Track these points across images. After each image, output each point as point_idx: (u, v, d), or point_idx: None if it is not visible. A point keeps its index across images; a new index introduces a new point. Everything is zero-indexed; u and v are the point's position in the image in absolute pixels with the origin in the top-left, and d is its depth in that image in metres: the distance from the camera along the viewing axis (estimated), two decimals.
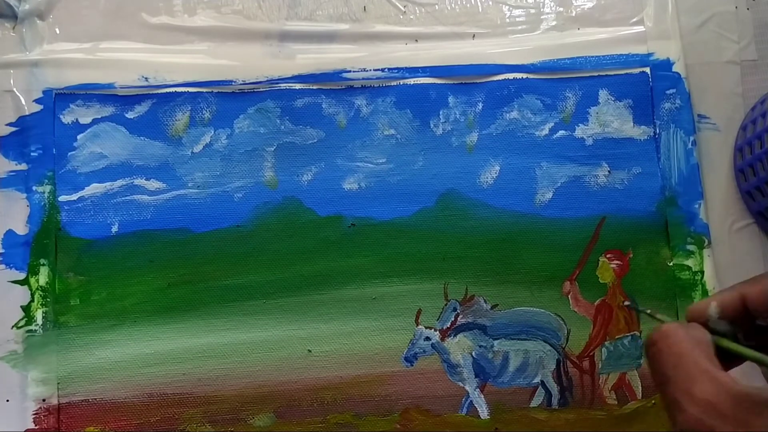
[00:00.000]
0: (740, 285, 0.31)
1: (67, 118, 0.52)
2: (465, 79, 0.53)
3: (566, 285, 0.51)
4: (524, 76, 0.53)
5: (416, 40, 0.54)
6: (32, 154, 0.51)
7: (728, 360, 0.31)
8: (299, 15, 0.54)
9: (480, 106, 0.53)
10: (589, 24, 0.55)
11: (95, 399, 0.49)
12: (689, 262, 0.51)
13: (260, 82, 0.53)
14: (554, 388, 0.51)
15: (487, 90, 0.53)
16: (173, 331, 0.50)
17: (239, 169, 0.52)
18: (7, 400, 0.48)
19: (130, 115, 0.52)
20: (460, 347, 0.51)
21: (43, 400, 0.48)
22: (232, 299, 0.50)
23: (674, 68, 0.54)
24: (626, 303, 0.51)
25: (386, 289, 0.51)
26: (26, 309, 0.49)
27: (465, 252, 0.51)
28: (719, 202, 0.53)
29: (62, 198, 0.51)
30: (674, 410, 0.28)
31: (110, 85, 0.52)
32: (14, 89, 0.52)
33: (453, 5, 0.55)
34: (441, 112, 0.53)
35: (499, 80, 0.53)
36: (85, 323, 0.49)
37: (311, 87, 0.53)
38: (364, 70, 0.53)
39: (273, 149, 0.52)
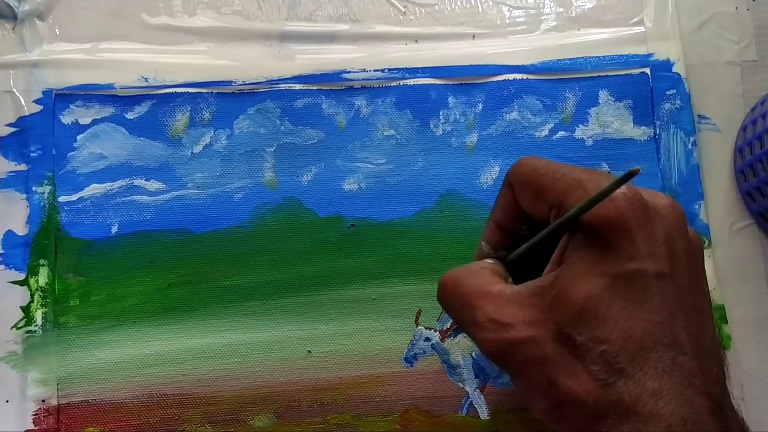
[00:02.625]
0: (491, 215, 0.33)
1: (66, 119, 0.52)
2: (465, 80, 0.53)
3: None
4: (524, 76, 0.53)
5: (416, 41, 0.54)
6: (32, 154, 0.51)
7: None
8: (299, 15, 0.54)
9: (480, 106, 0.53)
10: (589, 24, 0.55)
11: (95, 399, 0.49)
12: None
13: (260, 83, 0.53)
14: None
15: (487, 91, 0.53)
16: (173, 332, 0.50)
17: (239, 170, 0.52)
18: (7, 401, 0.48)
19: (129, 115, 0.52)
20: (460, 348, 0.50)
21: (43, 401, 0.48)
22: (232, 300, 0.50)
23: (674, 69, 0.54)
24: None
25: (386, 289, 0.51)
26: (26, 309, 0.49)
27: (465, 252, 0.51)
28: (719, 203, 0.53)
29: (62, 198, 0.51)
30: (477, 343, 0.29)
31: (110, 86, 0.52)
32: (14, 89, 0.52)
33: (453, 5, 0.55)
34: (441, 113, 0.53)
35: (499, 81, 0.53)
36: (85, 324, 0.49)
37: (311, 87, 0.53)
38: (364, 70, 0.53)
39: (273, 150, 0.52)
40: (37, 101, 0.52)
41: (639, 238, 0.26)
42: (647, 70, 0.54)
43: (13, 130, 0.51)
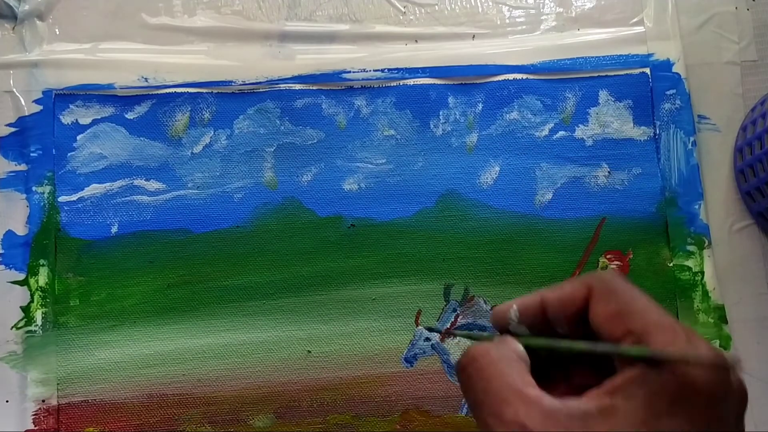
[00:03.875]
0: (543, 290, 0.30)
1: (66, 119, 0.52)
2: (465, 80, 0.53)
3: None
4: (524, 76, 0.53)
5: (416, 41, 0.54)
6: (32, 154, 0.51)
7: (548, 373, 0.30)
8: (299, 15, 0.54)
9: (480, 106, 0.53)
10: (589, 24, 0.55)
11: (95, 400, 0.49)
12: (689, 263, 0.51)
13: (260, 83, 0.53)
14: None
15: (487, 90, 0.53)
16: (173, 332, 0.50)
17: (239, 170, 0.52)
18: (7, 401, 0.48)
19: (129, 115, 0.52)
20: (460, 348, 0.50)
21: (43, 401, 0.48)
22: (232, 300, 0.50)
23: (674, 69, 0.54)
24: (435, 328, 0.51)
25: (386, 289, 0.51)
26: (26, 309, 0.49)
27: (465, 253, 0.51)
28: (719, 203, 0.53)
29: (62, 198, 0.51)
30: None
31: (110, 86, 0.52)
32: (14, 89, 0.52)
33: (453, 6, 0.55)
34: (441, 113, 0.53)
35: (499, 81, 0.53)
36: (85, 324, 0.49)
37: (311, 87, 0.53)
38: (364, 70, 0.53)
39: (273, 150, 0.52)
40: (37, 101, 0.52)
41: (713, 412, 0.25)
42: (647, 70, 0.54)
43: (13, 130, 0.51)
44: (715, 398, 0.25)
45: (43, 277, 0.50)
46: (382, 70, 0.53)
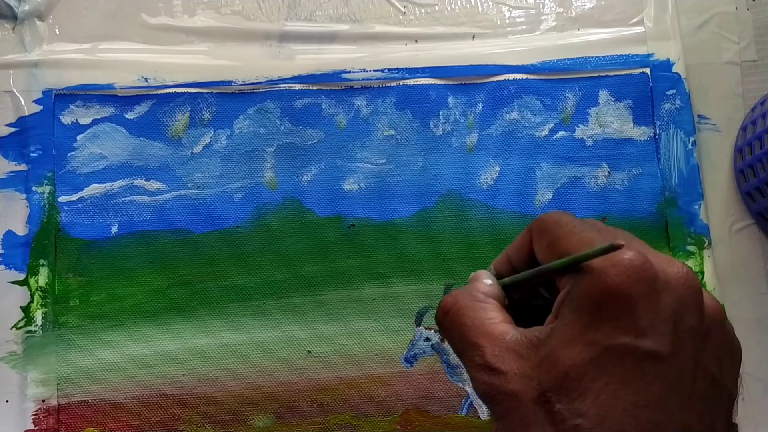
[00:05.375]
0: (507, 248, 0.32)
1: (66, 119, 0.52)
2: (465, 80, 0.53)
3: None
4: (524, 76, 0.53)
5: (416, 41, 0.54)
6: (32, 154, 0.51)
7: (534, 311, 0.31)
8: (299, 15, 0.54)
9: (480, 106, 0.53)
10: (588, 25, 0.55)
11: (95, 400, 0.49)
12: (689, 263, 0.51)
13: (260, 83, 0.53)
14: None
15: (487, 91, 0.53)
16: (173, 332, 0.50)
17: (239, 170, 0.52)
18: (7, 401, 0.48)
19: (129, 115, 0.52)
20: None
21: (43, 401, 0.48)
22: (232, 300, 0.50)
23: (674, 69, 0.54)
24: None
25: (386, 289, 0.51)
26: (26, 310, 0.49)
27: (465, 253, 0.51)
28: (719, 203, 0.53)
29: (62, 199, 0.51)
30: (470, 378, 0.28)
31: (110, 86, 0.52)
32: (14, 90, 0.52)
33: (453, 6, 0.55)
34: (441, 113, 0.53)
35: (498, 81, 0.53)
36: (85, 324, 0.49)
37: (311, 87, 0.53)
38: (364, 70, 0.53)
39: (273, 150, 0.52)
40: (37, 101, 0.52)
41: (639, 311, 0.25)
42: (647, 70, 0.54)
43: (13, 130, 0.51)
44: (634, 297, 0.25)
45: (43, 277, 0.50)
46: (382, 70, 0.53)
